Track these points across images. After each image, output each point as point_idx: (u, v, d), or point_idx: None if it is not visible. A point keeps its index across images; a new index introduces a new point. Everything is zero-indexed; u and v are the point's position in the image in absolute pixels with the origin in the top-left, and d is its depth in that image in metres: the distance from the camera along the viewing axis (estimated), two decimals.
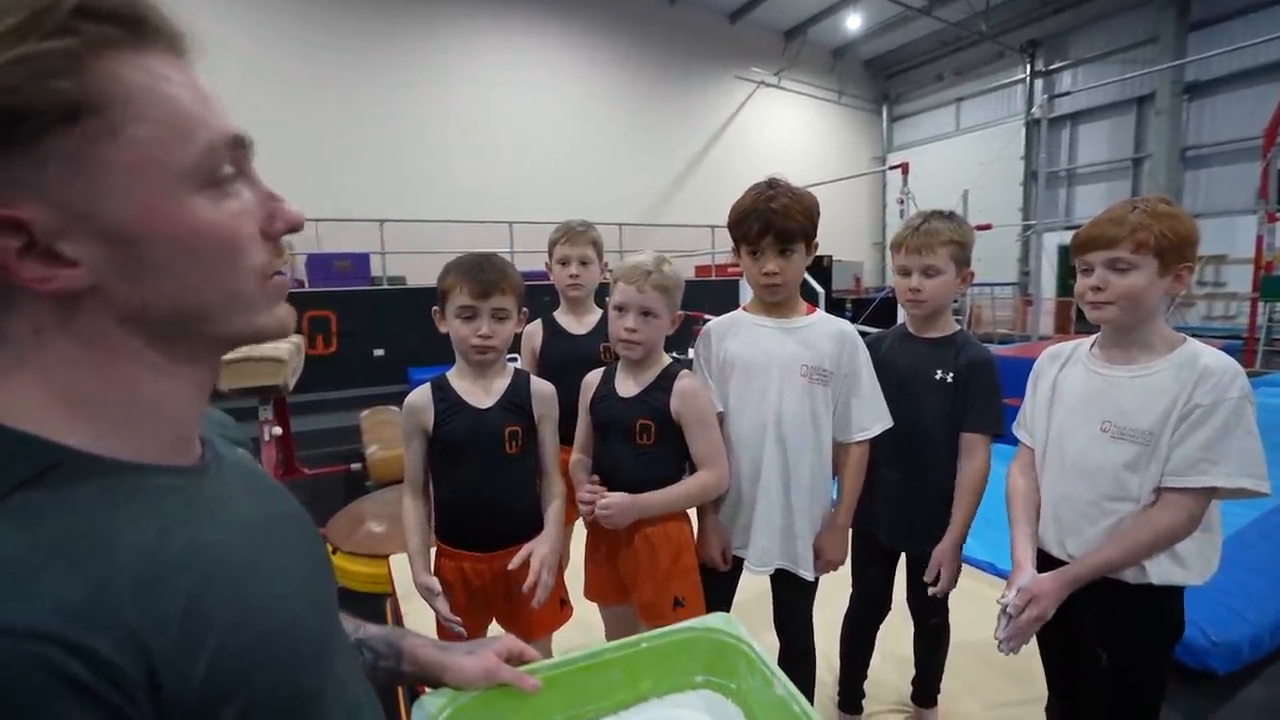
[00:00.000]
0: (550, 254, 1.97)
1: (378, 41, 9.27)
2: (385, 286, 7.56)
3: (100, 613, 0.34)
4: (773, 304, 1.48)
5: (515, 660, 0.77)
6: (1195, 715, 1.87)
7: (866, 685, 1.82)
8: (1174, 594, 1.20)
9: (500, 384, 1.40)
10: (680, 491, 1.41)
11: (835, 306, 9.94)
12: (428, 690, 0.74)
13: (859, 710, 1.80)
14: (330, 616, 0.55)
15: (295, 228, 0.49)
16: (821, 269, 10.72)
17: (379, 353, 6.62)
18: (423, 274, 7.53)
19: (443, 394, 1.37)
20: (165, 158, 0.39)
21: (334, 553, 2.76)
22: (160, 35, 0.40)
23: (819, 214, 1.43)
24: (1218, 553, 1.20)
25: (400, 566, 1.42)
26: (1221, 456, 1.08)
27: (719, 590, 1.57)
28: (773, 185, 1.41)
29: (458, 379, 1.39)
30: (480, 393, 1.38)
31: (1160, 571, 1.17)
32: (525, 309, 1.42)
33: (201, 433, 0.51)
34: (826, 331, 1.47)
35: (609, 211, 10.38)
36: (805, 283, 6.45)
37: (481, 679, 0.73)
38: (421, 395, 1.38)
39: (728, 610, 1.59)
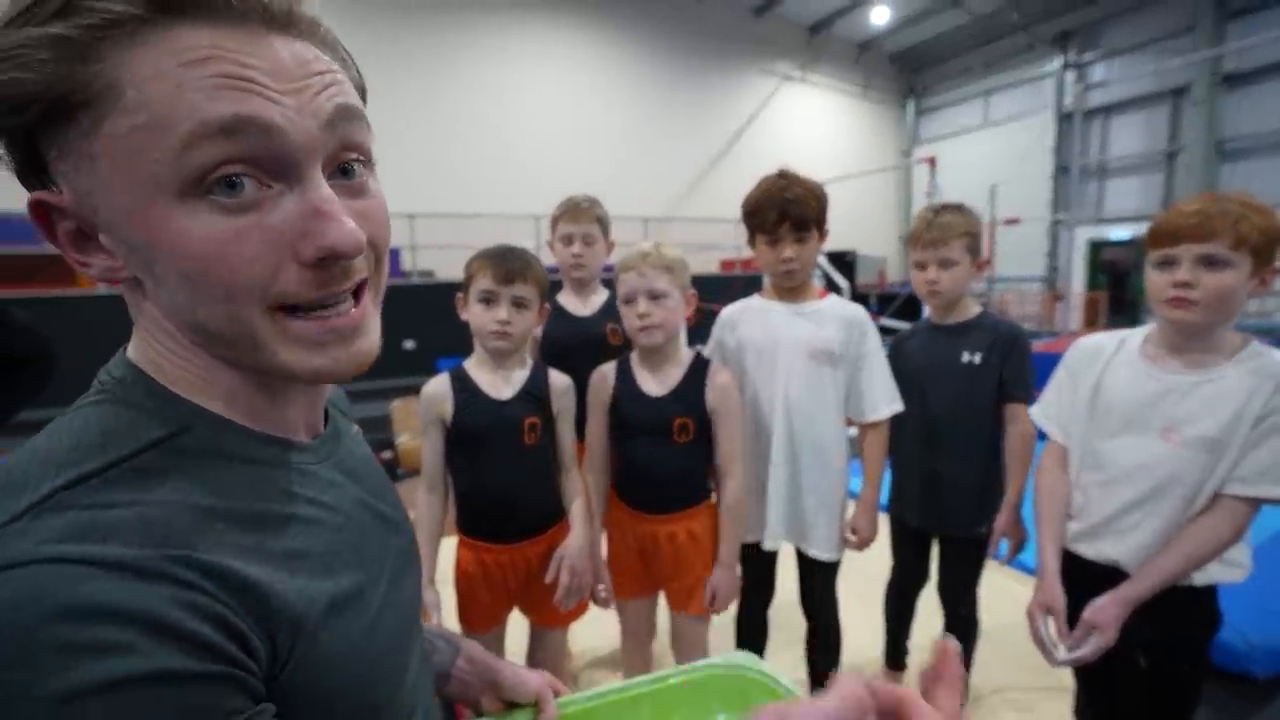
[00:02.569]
0: (552, 231, 1.85)
1: (405, 37, 9.34)
2: (415, 280, 7.66)
3: (233, 569, 0.36)
4: (787, 289, 1.54)
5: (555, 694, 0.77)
6: (1230, 718, 1.86)
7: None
8: (1209, 590, 1.18)
9: (519, 375, 1.38)
10: (729, 524, 1.43)
11: (859, 301, 9.78)
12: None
13: (904, 666, 1.91)
14: (413, 619, 0.54)
15: (333, 254, 0.38)
16: (845, 263, 10.61)
17: (409, 344, 6.72)
18: (451, 267, 7.58)
19: (461, 384, 1.36)
20: (142, 156, 0.34)
21: None
22: (203, 3, 0.34)
23: (828, 201, 1.49)
24: (1248, 549, 1.18)
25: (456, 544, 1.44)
26: None
27: (759, 575, 1.64)
28: (784, 176, 1.48)
29: (476, 369, 1.37)
30: (500, 383, 1.36)
31: (1204, 574, 1.14)
32: (547, 305, 1.40)
33: (327, 406, 0.51)
34: (836, 315, 1.52)
35: (633, 205, 10.38)
36: (828, 277, 6.39)
37: (533, 693, 0.73)
38: (439, 385, 1.36)
39: (772, 593, 1.68)
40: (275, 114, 0.36)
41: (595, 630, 2.06)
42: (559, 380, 1.42)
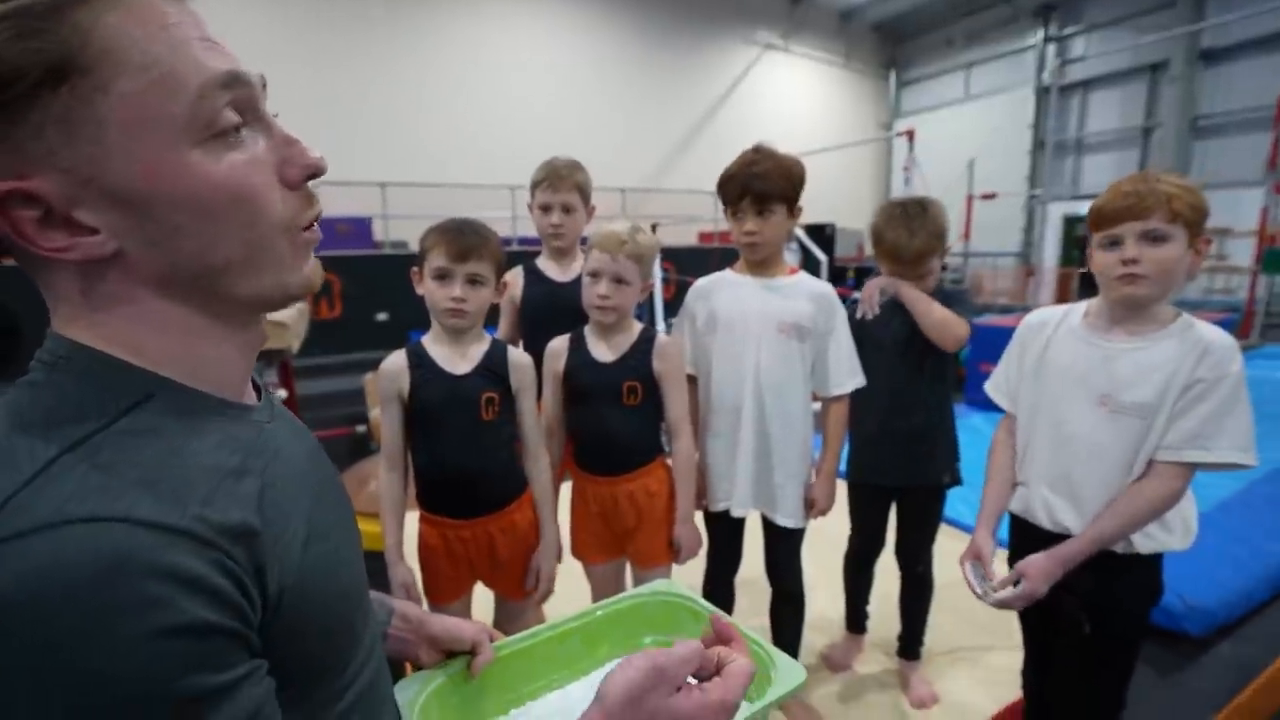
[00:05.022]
0: (531, 196, 1.80)
1: (379, 1, 9.05)
2: (388, 251, 7.55)
3: (236, 522, 0.38)
4: (756, 264, 1.57)
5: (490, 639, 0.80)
6: (1166, 672, 1.96)
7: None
8: (1154, 560, 1.22)
9: (477, 350, 1.38)
10: (682, 477, 1.52)
11: (838, 275, 9.87)
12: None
13: (863, 630, 2.01)
14: (361, 556, 0.57)
15: (314, 173, 0.45)
16: (824, 237, 10.62)
17: (382, 317, 6.64)
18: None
19: (418, 359, 1.36)
20: (159, 110, 0.37)
21: None
22: None
23: (803, 179, 1.50)
24: (1195, 517, 1.22)
25: (405, 526, 1.46)
26: (1219, 431, 1.09)
27: (726, 542, 1.69)
28: (758, 150, 1.49)
29: (433, 345, 1.37)
30: (457, 358, 1.36)
31: (1147, 541, 1.18)
32: (505, 281, 1.40)
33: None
34: (806, 291, 1.55)
35: (611, 176, 10.20)
36: (806, 250, 6.40)
37: (469, 640, 0.75)
38: (396, 361, 1.36)
39: (738, 560, 1.73)
40: (240, 66, 0.41)
41: (568, 596, 2.09)
42: (518, 356, 1.42)
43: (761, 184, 1.45)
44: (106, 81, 0.35)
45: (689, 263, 7.97)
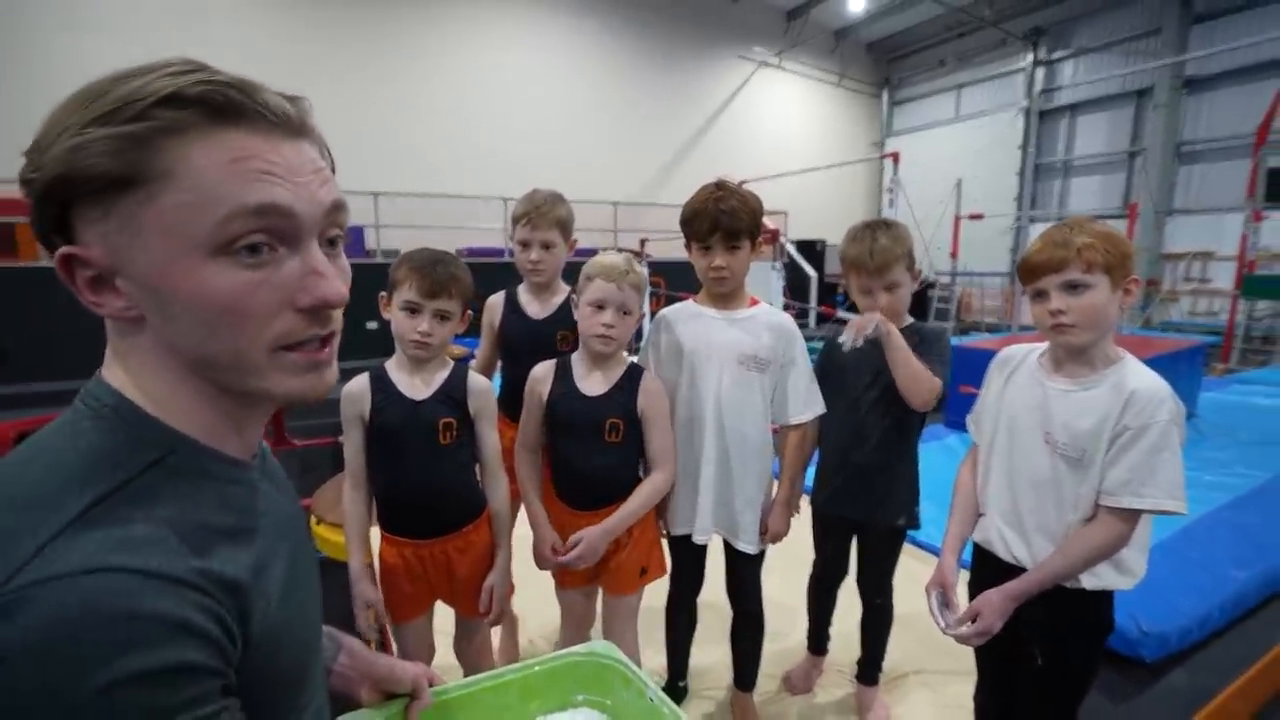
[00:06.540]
0: (512, 230, 1.84)
1: (375, 12, 9.12)
2: (379, 260, 7.58)
3: (228, 575, 0.45)
4: (720, 295, 1.60)
5: (430, 684, 0.83)
6: (1120, 699, 1.99)
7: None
8: (1104, 596, 1.25)
9: (438, 376, 1.41)
10: (639, 501, 1.51)
11: (828, 291, 9.96)
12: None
13: (825, 651, 2.04)
14: (320, 603, 0.63)
15: (326, 305, 0.50)
16: (815, 253, 10.72)
17: (372, 325, 6.66)
18: (416, 247, 7.42)
19: (380, 384, 1.40)
20: (186, 225, 0.44)
21: (318, 524, 2.84)
22: (246, 116, 0.45)
23: (763, 214, 1.55)
24: (1144, 560, 1.26)
25: (380, 539, 1.49)
26: (1150, 479, 1.12)
27: (689, 565, 1.73)
28: (721, 186, 1.53)
29: (396, 370, 1.41)
30: (418, 384, 1.40)
31: (1093, 579, 1.22)
32: (470, 312, 1.44)
33: None
34: (766, 323, 1.59)
35: (604, 189, 10.35)
36: (797, 266, 6.46)
37: (409, 683, 0.80)
38: (359, 384, 1.40)
39: (700, 582, 1.76)
40: (291, 199, 0.47)
41: (542, 619, 2.13)
42: (477, 382, 1.45)
43: (731, 221, 1.48)
44: (156, 195, 0.43)
45: (679, 278, 8.03)
